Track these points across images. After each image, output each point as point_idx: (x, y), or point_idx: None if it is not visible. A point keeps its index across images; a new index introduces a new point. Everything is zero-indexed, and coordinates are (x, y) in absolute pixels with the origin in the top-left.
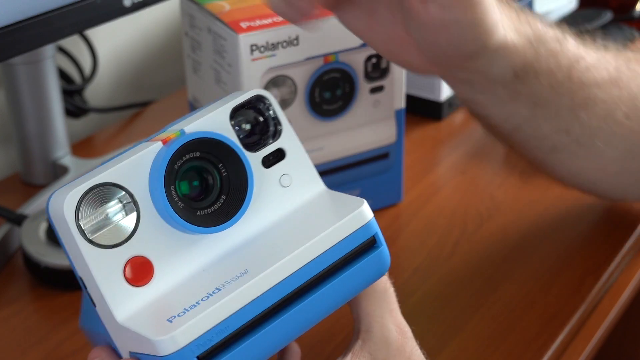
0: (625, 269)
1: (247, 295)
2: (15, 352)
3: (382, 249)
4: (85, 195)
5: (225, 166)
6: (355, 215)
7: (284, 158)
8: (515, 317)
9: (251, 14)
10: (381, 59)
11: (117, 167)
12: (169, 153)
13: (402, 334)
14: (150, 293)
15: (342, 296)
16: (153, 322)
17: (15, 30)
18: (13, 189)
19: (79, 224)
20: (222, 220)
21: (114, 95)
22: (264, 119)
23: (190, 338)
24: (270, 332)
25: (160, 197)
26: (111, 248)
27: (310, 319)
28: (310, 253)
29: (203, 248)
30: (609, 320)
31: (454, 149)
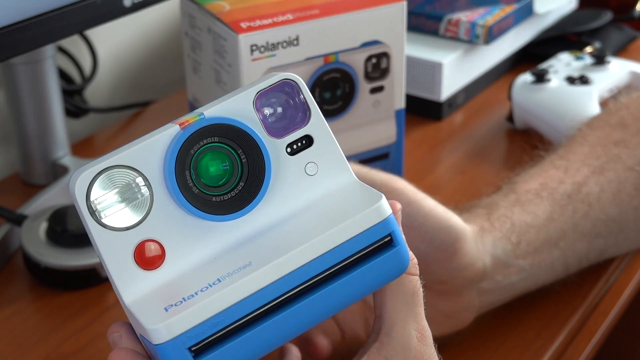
0: (625, 269)
1: (245, 289)
2: (15, 352)
3: (398, 249)
4: (98, 177)
5: (244, 152)
6: (372, 211)
7: (311, 145)
8: (515, 317)
9: (251, 14)
10: (381, 59)
11: (132, 149)
12: (183, 137)
13: (422, 340)
14: (160, 278)
15: (351, 295)
16: (152, 309)
17: (15, 30)
18: (13, 189)
19: (90, 205)
20: (238, 207)
21: (114, 95)
22: (292, 104)
23: (183, 329)
24: (269, 328)
25: (171, 183)
26: (122, 231)
27: (314, 316)
28: (318, 248)
29: (217, 235)
30: (609, 320)
31: (454, 149)
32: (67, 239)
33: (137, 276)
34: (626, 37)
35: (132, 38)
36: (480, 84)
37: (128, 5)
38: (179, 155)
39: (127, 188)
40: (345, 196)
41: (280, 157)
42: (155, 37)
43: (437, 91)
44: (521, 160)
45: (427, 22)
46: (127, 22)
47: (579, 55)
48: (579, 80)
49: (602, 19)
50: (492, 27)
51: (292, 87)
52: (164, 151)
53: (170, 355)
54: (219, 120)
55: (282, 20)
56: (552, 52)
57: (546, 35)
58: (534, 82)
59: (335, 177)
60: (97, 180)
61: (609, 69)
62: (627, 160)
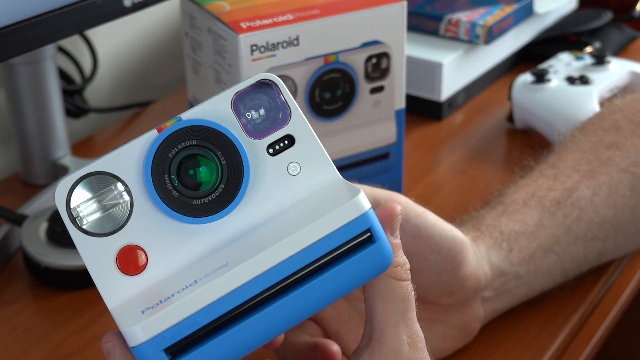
0: (625, 269)
1: (221, 288)
2: (15, 352)
3: (379, 244)
4: (77, 183)
5: (223, 154)
6: (349, 206)
7: (293, 145)
8: (515, 317)
9: (251, 14)
10: (381, 59)
11: (111, 155)
12: (159, 140)
13: (413, 346)
14: (142, 282)
15: (333, 292)
16: (130, 312)
17: (15, 30)
18: (13, 189)
19: (70, 213)
20: (217, 210)
21: (114, 95)
22: (272, 104)
23: (158, 330)
24: (247, 327)
25: (149, 187)
26: (103, 236)
27: (295, 314)
28: (295, 245)
29: (199, 238)
30: (609, 320)
31: (454, 149)
32: (67, 239)
33: (119, 282)
34: (626, 37)
35: (132, 38)
36: (480, 84)
37: (128, 5)
38: (155, 159)
39: (107, 194)
40: (326, 194)
41: (260, 158)
42: (155, 37)
43: (437, 91)
44: (521, 160)
45: (427, 22)
46: (127, 22)
47: (579, 55)
48: (579, 80)
49: (602, 19)
50: (492, 27)
51: (270, 87)
52: (141, 156)
53: (146, 357)
54: (195, 123)
55: (282, 20)
56: (552, 52)
57: (546, 35)
58: (534, 82)
59: (318, 176)
60: (77, 187)
61: (609, 69)
62: (621, 162)
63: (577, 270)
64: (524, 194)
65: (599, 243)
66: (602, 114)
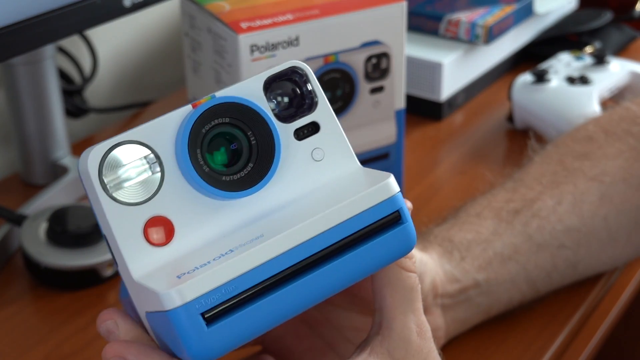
0: (625, 269)
1: (258, 258)
2: (15, 352)
3: (406, 225)
4: (110, 151)
5: (254, 133)
6: (380, 188)
7: (318, 132)
8: (515, 317)
9: (251, 14)
10: (381, 59)
11: (145, 125)
12: (195, 115)
13: (421, 335)
14: (168, 254)
15: (361, 270)
16: (163, 279)
17: (15, 30)
18: (13, 189)
19: (102, 180)
20: (247, 187)
21: (114, 95)
22: (300, 91)
23: (196, 294)
24: (280, 298)
25: (184, 159)
26: (133, 206)
27: (324, 289)
28: (329, 221)
29: (226, 214)
30: (609, 320)
31: (454, 149)
32: (67, 239)
33: (146, 252)
34: (626, 37)
35: (132, 38)
36: (480, 84)
37: (128, 5)
38: (191, 133)
39: (138, 163)
40: (352, 179)
41: (289, 141)
42: (155, 37)
43: (437, 91)
44: (521, 160)
45: (427, 22)
46: (127, 22)
47: (579, 55)
48: (579, 80)
49: (602, 19)
50: (492, 27)
51: (299, 75)
52: (176, 129)
53: (182, 320)
54: (231, 99)
55: (282, 20)
56: (552, 52)
57: (546, 35)
58: (534, 82)
59: (340, 164)
60: (109, 155)
61: (609, 69)
62: (589, 172)
63: (547, 280)
64: (478, 207)
65: (567, 252)
66: (577, 126)
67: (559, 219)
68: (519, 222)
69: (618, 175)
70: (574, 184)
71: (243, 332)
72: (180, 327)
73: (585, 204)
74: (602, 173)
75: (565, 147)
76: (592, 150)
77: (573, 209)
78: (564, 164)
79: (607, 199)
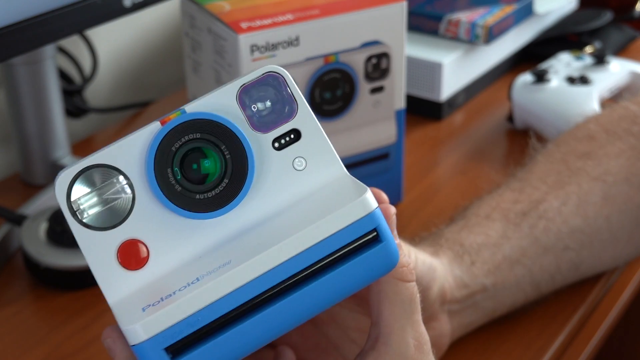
0: (625, 269)
1: (223, 288)
2: (15, 352)
3: (385, 244)
4: (78, 176)
5: (228, 148)
6: (355, 205)
7: (299, 139)
8: (515, 317)
9: (251, 14)
10: (381, 59)
11: (112, 147)
12: (162, 133)
13: (419, 348)
14: (143, 278)
15: (336, 294)
16: (131, 309)
17: (15, 30)
18: (13, 189)
19: (71, 205)
20: (221, 205)
21: (114, 95)
22: (278, 97)
23: (159, 329)
24: (248, 328)
25: (152, 181)
26: (104, 230)
27: (297, 315)
28: (300, 244)
29: (201, 233)
30: (609, 320)
31: (454, 149)
32: (67, 239)
33: (120, 276)
34: (626, 37)
35: (132, 38)
36: (480, 84)
37: (128, 5)
38: (158, 152)
39: (108, 187)
40: (332, 190)
41: (265, 153)
42: (155, 37)
43: (437, 91)
44: (521, 160)
45: (427, 22)
46: (127, 22)
47: (579, 55)
48: (579, 80)
49: (602, 19)
50: (492, 27)
51: (277, 80)
52: (144, 148)
53: (147, 355)
54: (200, 116)
55: (282, 20)
56: (552, 52)
57: (546, 35)
58: (534, 82)
59: (324, 171)
60: (77, 179)
61: (609, 69)
62: (592, 171)
63: (550, 282)
64: (487, 208)
65: (571, 253)
66: (578, 125)
67: (564, 221)
68: (526, 224)
69: (620, 175)
70: (578, 184)
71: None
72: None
73: (589, 205)
74: (605, 172)
75: (567, 145)
76: (594, 149)
77: (577, 210)
78: (567, 163)
79: (610, 199)
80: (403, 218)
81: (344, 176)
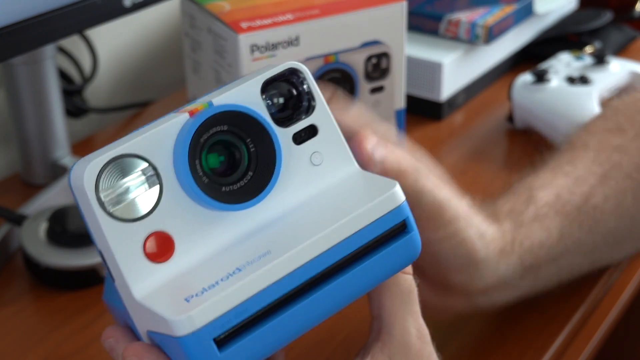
0: (625, 269)
1: (268, 278)
2: (15, 352)
3: (412, 234)
4: (107, 166)
5: (253, 141)
6: (387, 198)
7: (316, 135)
8: (515, 317)
9: (251, 14)
10: (381, 59)
11: (141, 138)
12: (194, 125)
13: (421, 338)
14: (170, 270)
15: (369, 281)
16: (170, 301)
17: (15, 30)
18: (13, 189)
19: (99, 196)
20: (248, 197)
21: (114, 95)
22: (297, 93)
23: (208, 319)
24: (291, 316)
25: (183, 171)
26: (131, 222)
27: (334, 304)
28: (337, 235)
29: (227, 225)
30: (609, 320)
31: (454, 149)
32: (67, 239)
33: (147, 269)
34: (626, 37)
35: (132, 38)
36: (480, 84)
37: (128, 5)
38: (190, 144)
39: (135, 178)
40: (354, 185)
41: (288, 147)
42: (155, 37)
43: (437, 91)
44: (521, 160)
45: (427, 22)
46: (127, 22)
47: (579, 55)
48: (579, 80)
49: (602, 19)
50: (492, 27)
51: (297, 76)
52: (173, 139)
53: (194, 347)
54: (229, 108)
55: (282, 20)
56: (552, 52)
57: (546, 35)
58: (534, 82)
59: (339, 167)
60: (105, 169)
61: (609, 69)
62: (626, 168)
63: (569, 278)
64: (551, 195)
65: (597, 254)
66: (604, 116)
67: (604, 221)
68: (577, 222)
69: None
70: (617, 180)
71: (255, 353)
72: (192, 353)
73: (622, 205)
74: (635, 170)
75: (601, 136)
76: (626, 143)
77: (615, 210)
78: (607, 154)
79: (638, 199)
80: None
81: (358, 172)
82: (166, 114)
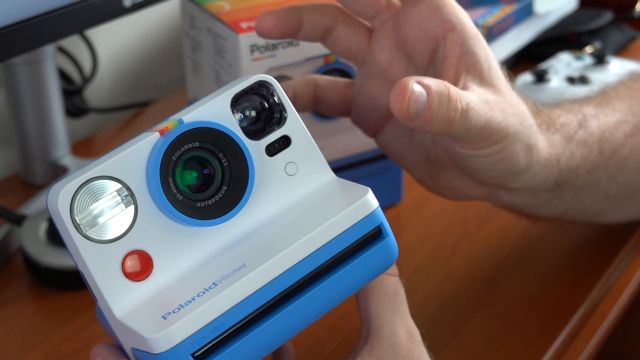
0: (625, 269)
1: (244, 291)
2: (15, 352)
3: (388, 240)
4: (80, 189)
5: (226, 156)
6: (359, 205)
7: (289, 145)
8: (515, 317)
9: (251, 14)
10: None
11: (113, 159)
12: (165, 144)
13: (410, 339)
14: (150, 288)
15: (346, 290)
16: (148, 319)
17: (15, 30)
18: (13, 189)
19: (74, 219)
20: (223, 211)
21: (114, 95)
22: (268, 106)
23: (184, 335)
24: (269, 328)
25: (156, 190)
26: (108, 243)
27: (312, 313)
28: (311, 245)
29: (204, 240)
30: (609, 320)
31: None
32: None
33: (126, 288)
34: (626, 37)
35: (132, 38)
36: None
37: (128, 5)
38: (162, 163)
39: (110, 199)
40: (329, 193)
41: (260, 159)
42: (155, 37)
43: None
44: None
45: None
46: (127, 22)
47: (579, 55)
48: (579, 80)
49: (602, 19)
50: (492, 27)
51: (267, 89)
52: (145, 159)
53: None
54: (199, 125)
55: None
56: (552, 52)
57: (546, 35)
58: (534, 82)
59: (315, 176)
60: (79, 193)
61: (609, 69)
62: None
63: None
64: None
65: (606, 202)
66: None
67: (626, 172)
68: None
69: None
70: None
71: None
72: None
73: None
74: None
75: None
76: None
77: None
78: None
79: None
80: (403, 218)
81: (333, 180)
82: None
